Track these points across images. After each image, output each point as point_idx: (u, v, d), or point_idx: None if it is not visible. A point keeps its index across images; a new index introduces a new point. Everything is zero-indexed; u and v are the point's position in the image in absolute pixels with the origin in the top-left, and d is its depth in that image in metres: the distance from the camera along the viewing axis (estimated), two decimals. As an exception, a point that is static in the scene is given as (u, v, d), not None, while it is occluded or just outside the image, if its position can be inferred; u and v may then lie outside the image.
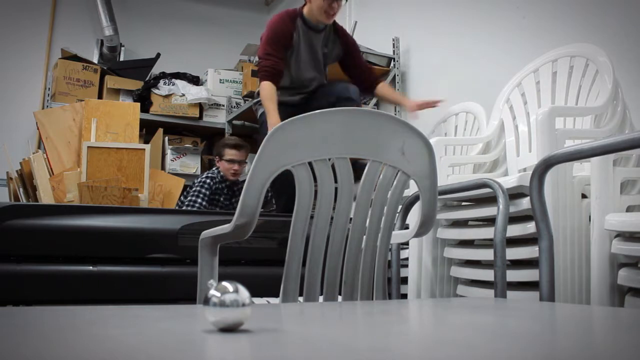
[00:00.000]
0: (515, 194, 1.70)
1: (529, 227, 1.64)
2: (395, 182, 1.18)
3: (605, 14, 2.32)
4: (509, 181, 1.68)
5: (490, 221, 1.83)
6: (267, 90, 2.59)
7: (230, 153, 3.33)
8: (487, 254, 1.80)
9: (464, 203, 1.98)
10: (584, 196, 1.68)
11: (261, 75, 2.64)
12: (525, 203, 1.66)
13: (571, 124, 2.00)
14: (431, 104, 2.58)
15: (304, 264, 1.10)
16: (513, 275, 1.71)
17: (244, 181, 3.00)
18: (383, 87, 2.87)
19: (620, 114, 1.87)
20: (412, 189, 1.81)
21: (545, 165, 1.37)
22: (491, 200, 1.77)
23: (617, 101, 1.89)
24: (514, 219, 1.69)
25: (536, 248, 1.58)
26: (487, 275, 1.80)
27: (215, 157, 3.43)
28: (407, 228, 1.80)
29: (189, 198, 3.24)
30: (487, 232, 1.81)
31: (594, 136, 1.79)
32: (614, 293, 1.48)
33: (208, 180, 3.28)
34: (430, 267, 2.07)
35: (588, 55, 2.02)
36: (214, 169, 3.41)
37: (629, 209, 1.59)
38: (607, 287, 1.48)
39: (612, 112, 1.88)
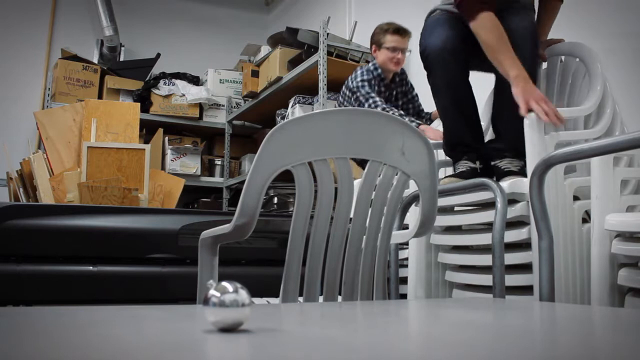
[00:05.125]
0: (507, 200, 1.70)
1: (523, 232, 1.65)
2: (395, 182, 1.19)
3: (597, 13, 2.32)
4: (502, 186, 1.68)
5: (486, 224, 1.83)
6: (495, 27, 1.67)
7: (392, 40, 2.84)
8: (481, 259, 1.80)
9: (457, 209, 1.97)
10: (576, 198, 1.69)
11: (473, 3, 1.70)
12: (518, 209, 1.66)
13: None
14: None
15: (304, 264, 1.10)
16: (507, 280, 1.71)
17: (403, 73, 2.91)
18: (552, 8, 2.08)
19: (611, 113, 1.87)
20: (411, 188, 1.81)
21: (545, 166, 1.37)
22: (486, 205, 1.77)
23: (608, 101, 1.88)
24: (506, 225, 1.68)
25: (530, 253, 1.59)
26: (482, 279, 1.80)
27: (372, 46, 2.90)
28: (405, 228, 1.80)
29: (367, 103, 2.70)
30: (480, 238, 1.81)
31: (585, 137, 1.79)
32: (614, 293, 1.48)
33: (365, 78, 2.76)
34: (424, 271, 2.06)
35: (578, 54, 2.02)
36: (369, 64, 2.86)
37: (629, 209, 1.59)
38: (607, 287, 1.48)
39: (602, 112, 1.88)
